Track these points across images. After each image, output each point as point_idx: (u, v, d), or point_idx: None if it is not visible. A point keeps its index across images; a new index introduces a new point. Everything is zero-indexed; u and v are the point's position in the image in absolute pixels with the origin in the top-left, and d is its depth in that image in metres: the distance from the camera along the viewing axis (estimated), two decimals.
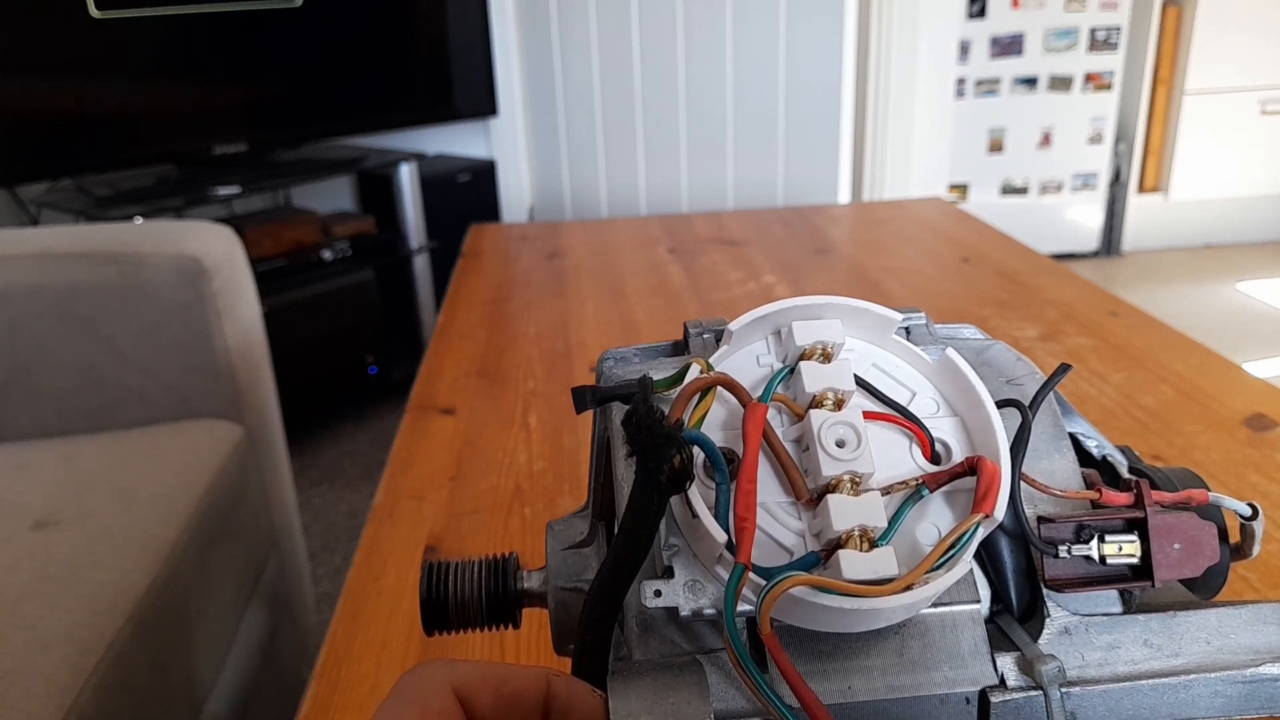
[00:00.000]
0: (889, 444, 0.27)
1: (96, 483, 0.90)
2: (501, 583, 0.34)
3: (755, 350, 0.30)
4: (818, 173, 2.45)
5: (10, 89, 1.71)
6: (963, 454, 0.27)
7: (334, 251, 2.06)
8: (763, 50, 2.37)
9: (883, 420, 0.28)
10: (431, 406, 0.89)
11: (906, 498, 0.26)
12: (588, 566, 0.34)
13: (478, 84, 2.28)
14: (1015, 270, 1.20)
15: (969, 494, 0.26)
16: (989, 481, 0.25)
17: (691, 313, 1.08)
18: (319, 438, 2.12)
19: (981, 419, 0.27)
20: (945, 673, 0.26)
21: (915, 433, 0.27)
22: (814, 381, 0.27)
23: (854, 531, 0.24)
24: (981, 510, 0.25)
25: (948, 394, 0.29)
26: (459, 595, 0.34)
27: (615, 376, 0.32)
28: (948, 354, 0.29)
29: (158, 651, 0.78)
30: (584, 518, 0.36)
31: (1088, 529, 0.27)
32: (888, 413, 0.28)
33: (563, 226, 1.51)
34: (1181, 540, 0.27)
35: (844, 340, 0.29)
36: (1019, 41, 2.91)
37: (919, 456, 0.27)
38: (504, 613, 0.34)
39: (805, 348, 0.28)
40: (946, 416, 0.28)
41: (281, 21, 1.97)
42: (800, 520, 0.26)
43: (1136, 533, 0.27)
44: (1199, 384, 0.86)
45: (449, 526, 0.69)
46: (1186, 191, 3.10)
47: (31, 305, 1.02)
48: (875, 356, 0.30)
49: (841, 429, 0.26)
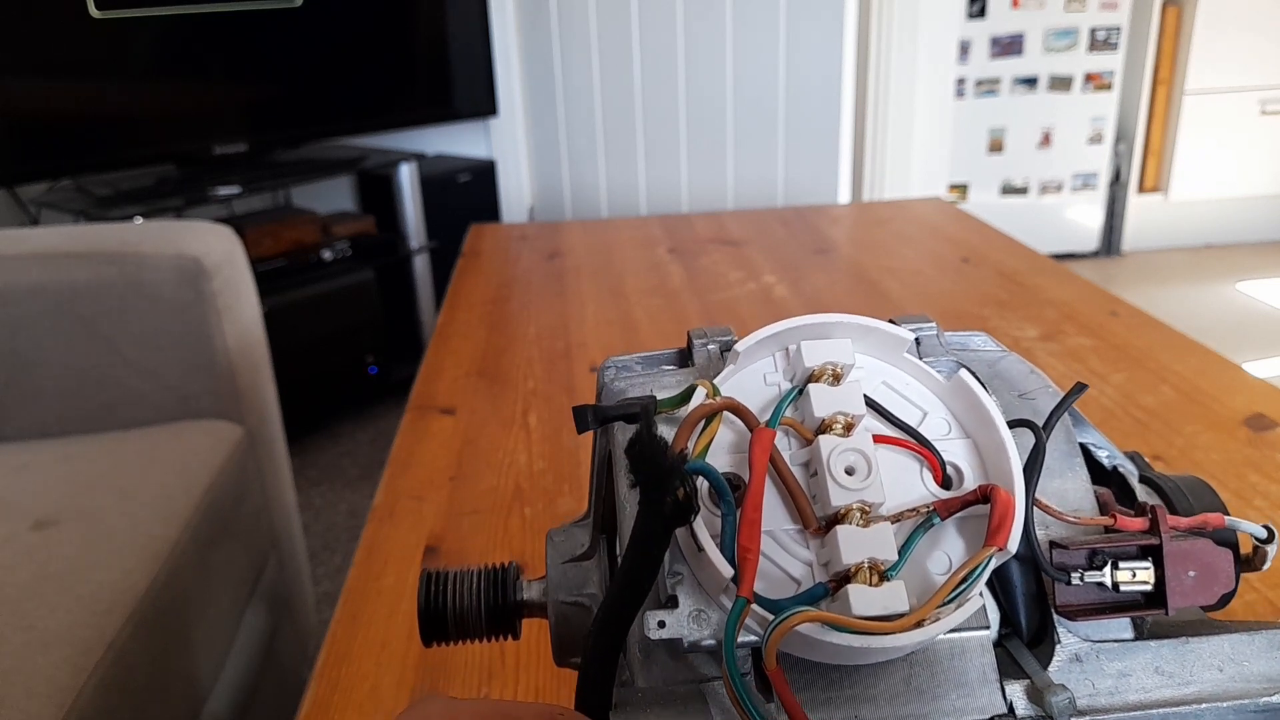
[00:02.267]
0: (899, 468, 0.27)
1: (96, 483, 0.90)
2: (501, 593, 0.34)
3: (762, 368, 0.29)
4: (818, 173, 2.45)
5: (10, 89, 1.71)
6: (975, 478, 0.27)
7: (334, 251, 2.06)
8: (763, 50, 2.37)
9: (893, 444, 0.27)
10: (431, 406, 0.89)
11: (917, 526, 0.26)
12: (589, 580, 0.33)
13: (478, 84, 2.28)
14: (1015, 270, 1.20)
15: (981, 520, 0.26)
16: (1002, 513, 0.25)
17: (691, 313, 1.08)
18: (319, 438, 2.12)
19: (994, 441, 0.27)
20: (953, 700, 0.25)
21: (926, 457, 0.27)
22: (823, 405, 0.27)
23: (864, 564, 0.24)
24: (994, 544, 0.24)
25: (959, 414, 0.28)
26: (458, 605, 0.33)
27: (616, 387, 0.31)
28: (960, 375, 0.28)
29: (158, 651, 0.78)
30: (584, 527, 0.35)
31: (1101, 554, 0.27)
32: (899, 437, 0.27)
33: (563, 226, 1.51)
34: (1196, 567, 0.26)
35: (854, 360, 0.28)
36: (1019, 41, 2.91)
37: (930, 481, 0.27)
38: (504, 623, 0.34)
39: (814, 369, 0.28)
40: (958, 438, 0.28)
41: (281, 21, 1.97)
42: (808, 549, 0.26)
43: (1151, 559, 0.26)
44: (1199, 384, 0.86)
45: (449, 526, 0.69)
46: (1186, 191, 3.11)
47: (31, 305, 1.02)
48: (886, 374, 0.29)
49: (851, 456, 0.26)
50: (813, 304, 1.08)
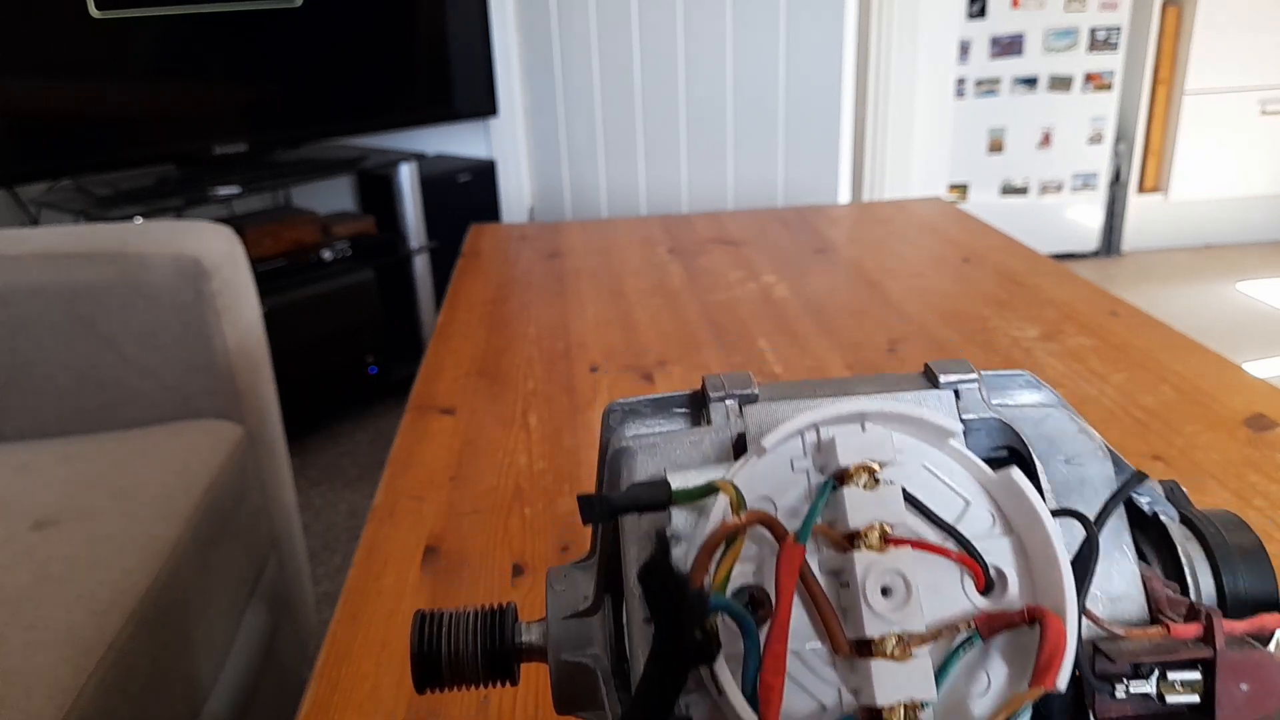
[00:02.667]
0: (938, 572, 0.25)
1: (96, 483, 0.90)
2: (499, 636, 0.32)
3: (789, 452, 0.27)
4: (818, 173, 2.45)
5: (10, 89, 1.71)
6: (1020, 584, 0.25)
7: (334, 251, 2.06)
8: (763, 50, 2.37)
9: (933, 552, 0.25)
10: (431, 406, 0.89)
11: (957, 645, 0.24)
12: (593, 639, 0.32)
13: (478, 84, 2.28)
14: (1015, 270, 1.20)
15: (1026, 639, 0.24)
16: (1053, 649, 0.22)
17: (691, 313, 1.08)
18: (319, 438, 2.12)
19: (1042, 543, 0.25)
20: None
21: (970, 566, 0.25)
22: (859, 513, 0.24)
23: (898, 705, 0.22)
24: (1043, 684, 0.22)
25: (1006, 506, 0.26)
26: (453, 649, 0.32)
27: (623, 440, 0.29)
28: (1011, 475, 0.26)
29: (158, 651, 0.78)
30: (586, 570, 0.33)
31: (1148, 664, 0.25)
32: (940, 544, 0.25)
33: (563, 226, 1.51)
34: (1250, 680, 0.24)
35: (894, 458, 0.26)
36: (1019, 41, 2.91)
37: (971, 590, 0.25)
38: (501, 668, 0.32)
39: (849, 468, 0.25)
40: (1002, 535, 0.26)
41: (281, 21, 1.97)
42: (836, 670, 0.24)
43: (1201, 668, 0.24)
44: (1199, 384, 0.86)
45: (449, 526, 0.69)
46: (1186, 191, 3.11)
47: (32, 305, 1.02)
48: (926, 456, 0.27)
49: (888, 577, 0.23)
50: (813, 304, 1.08)
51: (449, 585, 0.63)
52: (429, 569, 0.64)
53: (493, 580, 0.63)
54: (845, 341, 0.98)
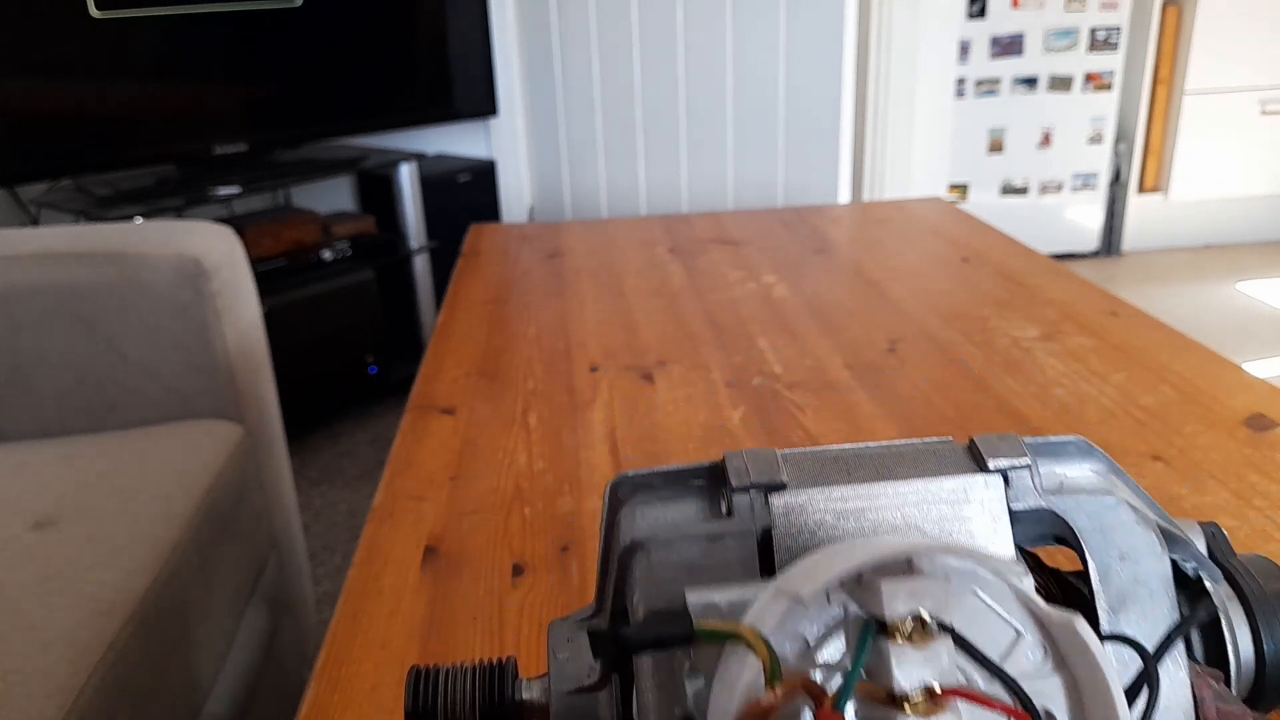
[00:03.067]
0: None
1: (96, 483, 0.90)
2: (498, 692, 0.31)
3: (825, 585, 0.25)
4: (818, 173, 2.45)
5: (10, 89, 1.71)
6: None
7: (334, 251, 2.06)
8: (763, 50, 2.37)
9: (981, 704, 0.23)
10: (431, 406, 0.89)
11: None
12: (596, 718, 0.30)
13: (478, 84, 2.28)
14: (1015, 270, 1.20)
15: None
16: None
17: (691, 313, 1.08)
18: (319, 438, 2.12)
19: (1099, 685, 0.23)
20: None
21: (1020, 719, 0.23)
22: (906, 673, 0.22)
23: None
24: None
25: (1061, 642, 0.24)
26: (449, 706, 0.30)
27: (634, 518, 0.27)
28: (1075, 624, 0.24)
29: (158, 651, 0.78)
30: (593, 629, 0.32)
31: None
32: (989, 695, 0.23)
33: (563, 226, 1.51)
34: None
35: (945, 602, 0.23)
36: (1019, 41, 2.91)
37: None
38: None
39: (895, 621, 0.23)
40: (1053, 673, 0.24)
41: (281, 21, 1.97)
42: None
43: None
44: (1199, 384, 0.86)
45: (449, 526, 0.69)
46: (1186, 191, 3.11)
47: (31, 305, 1.02)
48: (979, 579, 0.25)
49: None
50: (813, 304, 1.08)
51: (449, 585, 0.63)
52: (429, 569, 0.64)
53: (493, 580, 0.63)
54: (845, 341, 0.98)
